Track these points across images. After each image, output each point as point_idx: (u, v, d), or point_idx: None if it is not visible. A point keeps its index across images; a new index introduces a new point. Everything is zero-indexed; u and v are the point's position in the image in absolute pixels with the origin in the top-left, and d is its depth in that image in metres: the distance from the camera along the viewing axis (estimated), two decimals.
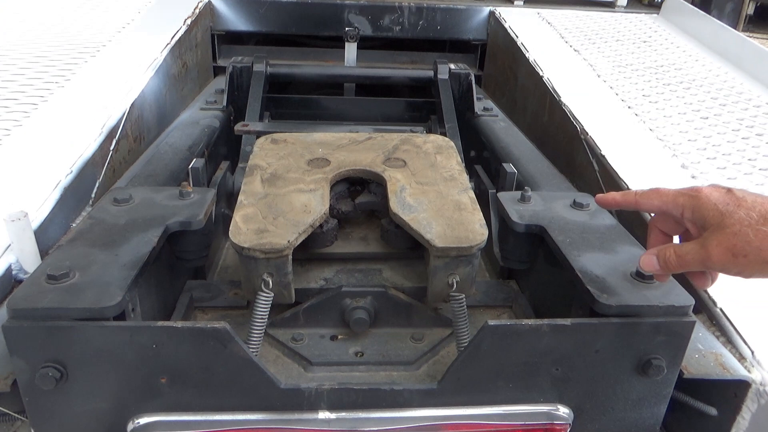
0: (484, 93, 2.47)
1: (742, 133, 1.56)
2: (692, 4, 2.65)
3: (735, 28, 2.60)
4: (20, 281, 1.01)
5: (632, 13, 2.59)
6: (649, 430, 0.90)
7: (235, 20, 2.42)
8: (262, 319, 0.93)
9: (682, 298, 0.82)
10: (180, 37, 1.99)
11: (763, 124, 1.63)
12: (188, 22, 2.11)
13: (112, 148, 1.41)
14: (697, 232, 0.72)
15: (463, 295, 0.97)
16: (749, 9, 12.61)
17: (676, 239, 0.80)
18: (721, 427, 0.92)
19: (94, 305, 0.74)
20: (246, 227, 0.95)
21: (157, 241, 0.90)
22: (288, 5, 2.44)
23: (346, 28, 2.03)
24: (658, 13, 2.57)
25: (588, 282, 0.85)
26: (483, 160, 1.66)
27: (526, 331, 0.79)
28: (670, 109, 1.68)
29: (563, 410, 0.85)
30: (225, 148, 1.68)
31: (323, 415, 0.81)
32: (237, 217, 0.97)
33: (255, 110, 1.60)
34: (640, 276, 0.86)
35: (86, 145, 1.31)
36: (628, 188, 1.30)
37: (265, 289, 0.94)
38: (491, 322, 0.78)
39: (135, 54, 1.80)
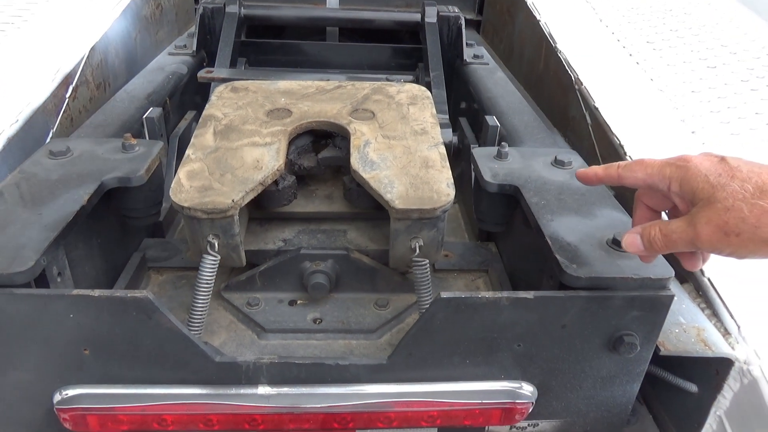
0: (481, 39, 2.32)
1: (752, 83, 1.44)
2: None
3: None
4: None
5: None
6: (620, 408, 0.84)
7: None
8: (207, 283, 0.86)
9: (660, 269, 0.73)
10: None
11: None
12: None
13: (68, 95, 1.32)
14: (686, 207, 0.62)
15: (426, 261, 0.89)
16: None
17: (664, 216, 0.71)
18: (701, 403, 0.86)
19: (3, 271, 0.67)
20: (189, 184, 0.87)
21: (87, 199, 0.82)
22: None
23: None
24: None
25: (557, 250, 0.76)
26: (472, 112, 1.55)
27: (483, 304, 0.71)
28: (674, 57, 1.55)
29: (526, 388, 0.78)
30: (197, 98, 1.58)
31: (263, 390, 0.75)
32: (181, 173, 0.89)
33: (226, 56, 1.49)
34: (616, 244, 0.78)
35: (37, 92, 1.21)
36: (620, 145, 1.19)
37: (211, 252, 0.86)
38: (444, 294, 0.70)
39: None
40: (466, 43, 1.66)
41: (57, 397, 0.74)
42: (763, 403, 0.75)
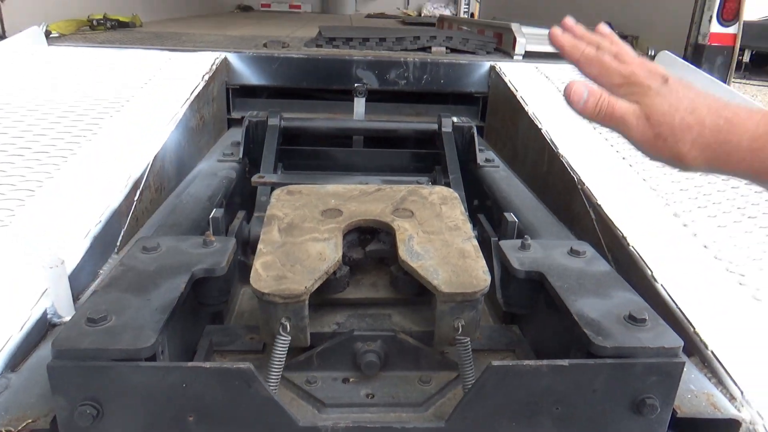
0: (485, 143, 2.57)
1: (732, 182, 1.65)
2: (684, 57, 2.78)
3: (725, 80, 2.73)
4: (54, 324, 1.08)
5: None
6: None
7: (249, 75, 2.56)
8: (280, 361, 1.00)
9: (672, 339, 0.88)
10: (198, 92, 2.12)
11: None
12: (206, 77, 2.24)
13: (136, 198, 1.50)
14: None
15: (468, 339, 1.03)
16: (746, 57, 12.77)
17: None
18: None
19: (130, 346, 0.81)
20: (266, 274, 1.02)
21: (184, 287, 0.98)
22: (299, 61, 2.58)
23: (355, 84, 2.15)
24: None
25: (585, 325, 0.91)
26: (486, 209, 1.75)
27: (527, 371, 0.85)
28: (702, 197, 1.77)
29: None
30: (240, 198, 1.77)
31: None
32: (257, 264, 1.05)
33: (270, 162, 1.70)
34: (632, 319, 0.93)
35: (113, 196, 1.40)
36: (623, 237, 1.37)
37: (283, 333, 1.00)
38: (495, 363, 0.84)
39: (157, 108, 1.92)
40: (479, 149, 1.89)
41: None
42: None
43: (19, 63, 2.27)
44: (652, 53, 2.84)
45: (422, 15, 8.72)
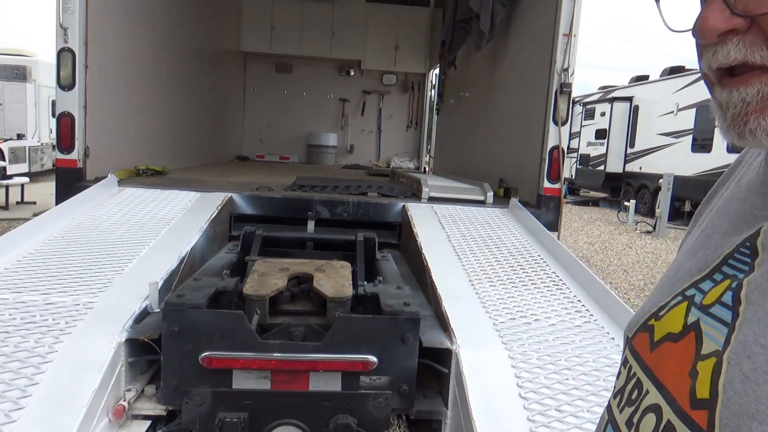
0: (399, 255, 3.92)
1: (542, 290, 2.96)
2: (535, 202, 4.23)
3: (558, 217, 4.15)
4: (149, 313, 2.30)
5: (493, 207, 4.16)
6: (411, 370, 2.14)
7: (246, 207, 3.95)
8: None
9: (419, 310, 2.14)
10: (213, 217, 3.48)
11: (558, 283, 3.04)
12: (218, 208, 3.62)
13: (180, 269, 2.78)
14: None
15: (342, 319, 2.27)
16: (686, 206, 15.27)
17: None
18: (448, 380, 2.17)
19: (194, 302, 2.05)
20: (250, 288, 2.28)
21: (213, 291, 2.24)
22: (279, 199, 3.99)
23: (308, 212, 3.55)
24: (507, 208, 4.15)
25: (385, 306, 2.18)
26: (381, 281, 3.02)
27: (355, 320, 2.09)
28: (491, 272, 3.09)
29: (372, 358, 2.11)
30: (238, 269, 3.04)
31: None
32: (246, 286, 2.31)
33: (256, 251, 3.01)
34: (406, 304, 2.20)
35: (169, 267, 2.68)
36: (453, 333, 2.65)
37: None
38: (341, 315, 2.09)
39: (190, 224, 3.26)
40: (379, 251, 3.21)
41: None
42: (460, 370, 2.08)
43: (105, 197, 3.66)
44: (517, 198, 4.30)
45: (390, 166, 10.42)
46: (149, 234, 3.05)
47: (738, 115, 0.52)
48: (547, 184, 4.11)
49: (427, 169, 10.08)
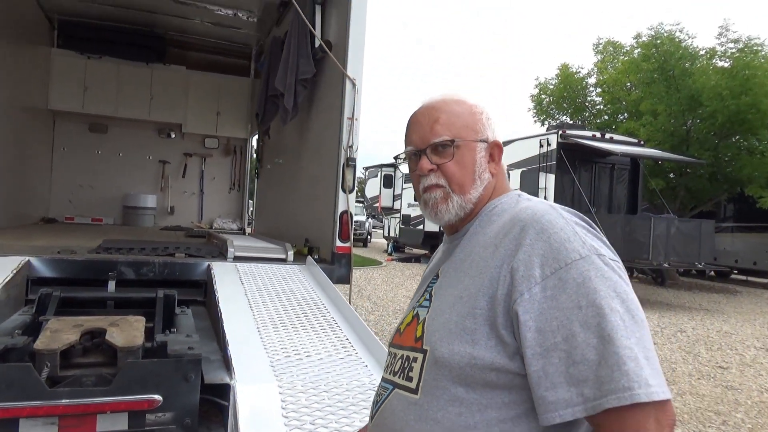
0: (204, 311, 4.22)
1: (318, 332, 3.46)
2: (330, 258, 4.83)
3: (349, 271, 4.78)
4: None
5: (292, 265, 4.68)
6: (192, 408, 2.49)
7: (45, 270, 3.99)
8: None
9: (198, 354, 2.52)
10: (7, 281, 3.50)
11: (333, 326, 3.56)
12: (13, 272, 3.64)
13: None
14: None
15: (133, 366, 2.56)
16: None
17: None
18: (228, 411, 2.55)
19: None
20: (41, 344, 2.48)
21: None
22: (82, 262, 4.09)
23: (109, 273, 3.75)
24: (305, 264, 4.70)
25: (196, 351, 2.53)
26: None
27: (138, 364, 2.41)
28: (278, 319, 3.55)
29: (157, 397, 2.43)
30: (31, 328, 3.13)
31: None
32: (38, 342, 2.50)
33: (51, 311, 3.14)
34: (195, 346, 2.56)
35: None
36: (234, 370, 3.04)
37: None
38: (129, 361, 2.39)
39: None
40: (178, 307, 3.52)
41: None
42: (236, 401, 2.49)
43: None
44: (316, 256, 4.87)
45: (213, 227, 10.53)
46: None
47: (432, 205, 1.33)
48: (339, 243, 4.75)
49: (248, 230, 10.40)
